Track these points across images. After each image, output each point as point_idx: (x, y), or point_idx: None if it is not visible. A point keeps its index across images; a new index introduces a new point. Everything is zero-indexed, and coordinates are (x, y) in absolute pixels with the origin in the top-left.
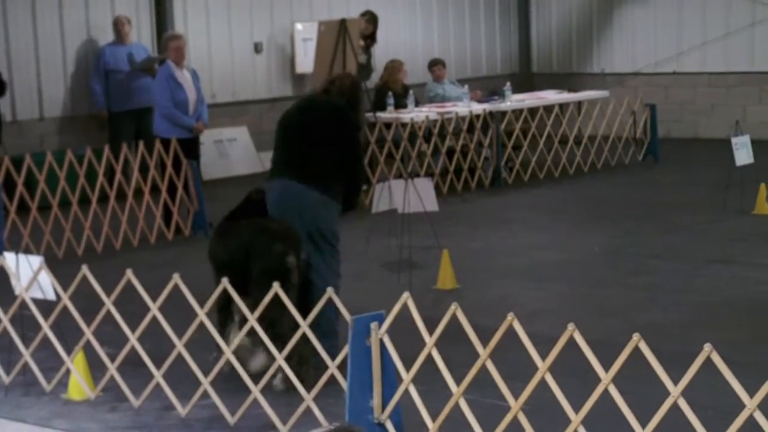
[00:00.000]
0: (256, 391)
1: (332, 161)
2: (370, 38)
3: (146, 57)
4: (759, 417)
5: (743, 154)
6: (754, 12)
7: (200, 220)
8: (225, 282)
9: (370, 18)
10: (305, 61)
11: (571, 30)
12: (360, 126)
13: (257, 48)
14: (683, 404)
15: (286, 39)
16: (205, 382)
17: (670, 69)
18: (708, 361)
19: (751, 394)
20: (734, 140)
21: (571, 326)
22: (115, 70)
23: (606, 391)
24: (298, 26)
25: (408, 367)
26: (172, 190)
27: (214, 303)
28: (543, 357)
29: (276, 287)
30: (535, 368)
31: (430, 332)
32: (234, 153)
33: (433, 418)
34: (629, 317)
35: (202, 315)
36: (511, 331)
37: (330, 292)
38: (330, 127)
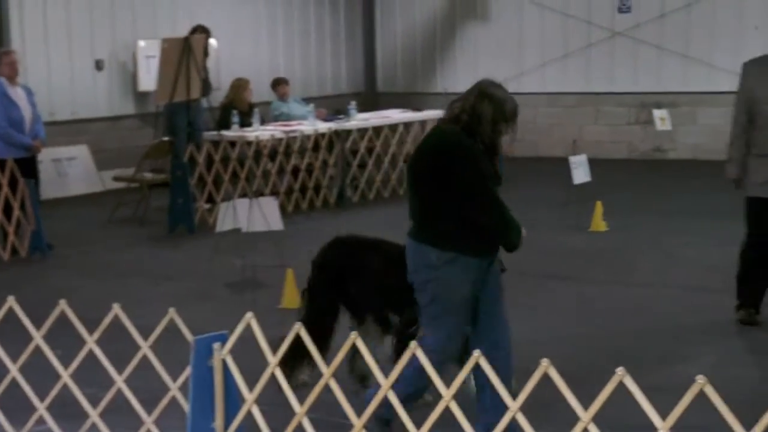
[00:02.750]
0: (94, 415)
1: (448, 208)
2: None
3: None
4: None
5: (581, 172)
6: (589, 34)
7: (37, 241)
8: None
9: (202, 32)
10: (148, 79)
11: (416, 50)
12: (493, 150)
13: (98, 65)
14: (520, 417)
15: (128, 56)
16: (41, 407)
17: (511, 89)
18: (546, 376)
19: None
20: (572, 159)
21: (413, 344)
22: None
23: (447, 408)
24: (141, 43)
25: (252, 387)
26: (7, 210)
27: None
28: (386, 375)
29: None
30: (379, 386)
31: (275, 352)
32: (73, 172)
33: None
34: None
35: (38, 338)
36: (355, 349)
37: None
38: (431, 168)
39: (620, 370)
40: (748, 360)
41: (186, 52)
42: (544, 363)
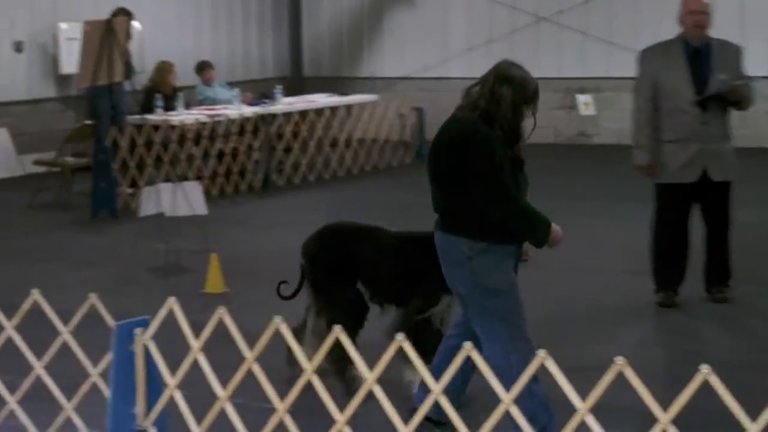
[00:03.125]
0: (13, 402)
1: (472, 198)
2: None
3: None
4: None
5: None
6: (514, 19)
7: None
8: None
9: (124, 15)
10: (70, 61)
11: (342, 35)
12: (515, 135)
13: (18, 47)
14: (443, 400)
15: (49, 38)
16: None
17: (437, 74)
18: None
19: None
20: None
21: (337, 328)
22: None
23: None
24: (63, 25)
25: (175, 372)
26: None
27: None
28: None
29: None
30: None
31: (197, 337)
32: None
33: (199, 423)
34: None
35: None
36: (278, 334)
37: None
38: (449, 159)
39: (542, 353)
40: (666, 341)
41: (108, 35)
42: (467, 346)
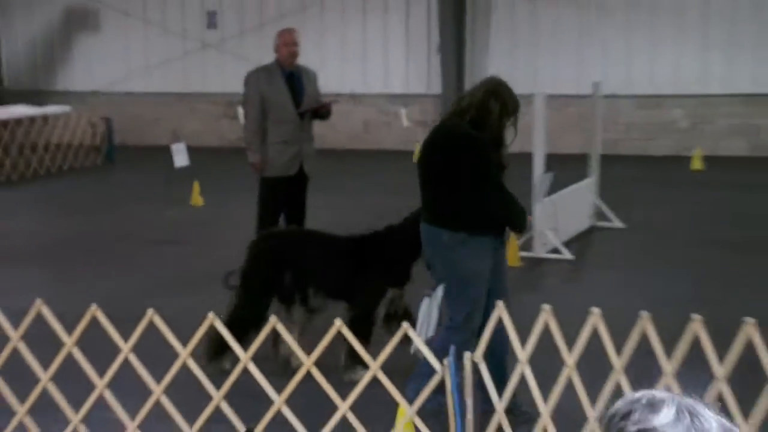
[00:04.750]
0: None
1: (457, 192)
2: None
3: None
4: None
5: (181, 157)
6: (185, 44)
7: None
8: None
9: None
10: None
11: (36, 53)
12: (498, 142)
13: None
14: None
15: None
16: None
17: (120, 88)
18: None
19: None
20: (173, 147)
21: (210, 315)
22: None
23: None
24: None
25: None
26: None
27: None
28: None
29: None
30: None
31: None
32: None
33: None
34: (94, 287)
35: None
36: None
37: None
38: (442, 158)
39: (211, 314)
40: None
41: None
42: (149, 311)
